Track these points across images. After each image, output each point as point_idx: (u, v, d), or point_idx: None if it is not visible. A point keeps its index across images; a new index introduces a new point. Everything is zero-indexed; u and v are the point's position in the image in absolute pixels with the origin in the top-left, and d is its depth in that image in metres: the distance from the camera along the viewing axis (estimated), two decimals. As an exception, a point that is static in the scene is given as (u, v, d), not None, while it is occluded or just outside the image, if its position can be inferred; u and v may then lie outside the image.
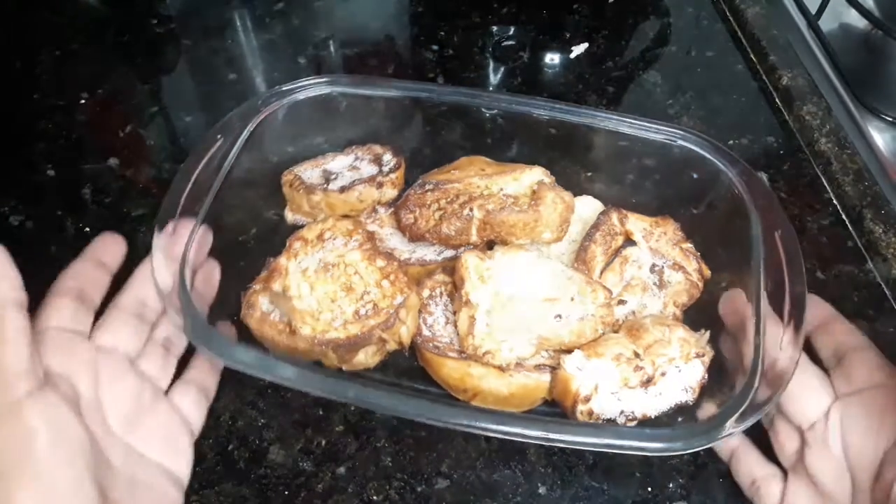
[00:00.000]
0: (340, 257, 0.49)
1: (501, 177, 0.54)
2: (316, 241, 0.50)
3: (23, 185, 0.63)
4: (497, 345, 0.46)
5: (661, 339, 0.46)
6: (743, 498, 0.46)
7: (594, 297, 0.48)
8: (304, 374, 0.41)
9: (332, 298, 0.47)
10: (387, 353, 0.49)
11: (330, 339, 0.45)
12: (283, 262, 0.49)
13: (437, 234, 0.52)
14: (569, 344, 0.47)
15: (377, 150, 0.60)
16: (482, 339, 0.46)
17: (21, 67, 0.74)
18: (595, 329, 0.47)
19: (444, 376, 0.47)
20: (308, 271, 0.48)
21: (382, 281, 0.48)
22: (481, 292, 0.48)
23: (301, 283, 0.48)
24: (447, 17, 0.80)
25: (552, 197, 0.52)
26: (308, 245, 0.50)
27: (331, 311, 0.47)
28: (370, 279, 0.48)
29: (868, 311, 0.56)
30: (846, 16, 0.77)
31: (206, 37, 0.77)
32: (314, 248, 0.50)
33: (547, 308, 0.47)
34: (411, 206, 0.53)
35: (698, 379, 0.46)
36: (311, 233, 0.50)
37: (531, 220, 0.51)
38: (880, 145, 0.66)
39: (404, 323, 0.47)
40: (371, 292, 0.48)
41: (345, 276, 0.48)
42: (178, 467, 0.42)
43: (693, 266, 0.53)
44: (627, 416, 0.45)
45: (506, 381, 0.46)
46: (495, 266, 0.49)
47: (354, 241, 0.50)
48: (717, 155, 0.53)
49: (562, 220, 0.52)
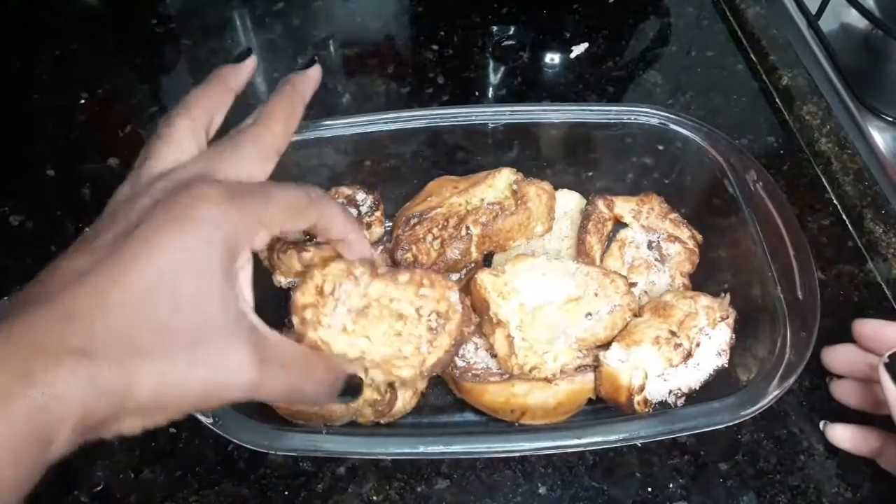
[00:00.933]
0: (365, 297, 0.43)
1: (476, 188, 0.54)
2: (323, 299, 0.42)
3: (23, 185, 0.63)
4: (540, 358, 0.46)
5: (690, 311, 0.47)
6: (744, 498, 0.46)
7: (615, 287, 0.48)
8: (373, 441, 0.43)
9: (396, 333, 0.43)
10: (421, 395, 0.49)
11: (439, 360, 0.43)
12: (312, 337, 0.41)
13: (444, 263, 0.52)
14: (604, 339, 0.47)
15: (346, 191, 0.57)
16: (525, 357, 0.46)
17: (21, 67, 0.74)
18: (624, 318, 0.47)
19: (487, 402, 0.47)
20: (348, 328, 0.42)
21: (421, 291, 0.44)
22: (506, 309, 0.47)
23: (354, 341, 0.42)
24: (447, 17, 0.80)
25: (534, 191, 0.52)
26: (320, 307, 0.42)
27: (408, 344, 0.43)
28: (410, 296, 0.44)
29: (868, 311, 0.56)
30: (846, 16, 0.77)
31: (206, 37, 0.77)
32: (328, 307, 0.42)
33: (575, 309, 0.47)
34: (405, 246, 0.52)
35: (727, 340, 0.47)
36: (307, 295, 0.41)
37: (524, 218, 0.52)
38: (880, 145, 0.66)
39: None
40: (423, 305, 0.44)
41: (386, 309, 0.43)
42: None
43: (686, 234, 0.55)
44: (676, 395, 0.46)
45: (552, 392, 0.46)
46: (511, 279, 0.48)
47: (362, 275, 0.43)
48: (679, 125, 0.54)
49: (548, 210, 0.53)
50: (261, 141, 0.37)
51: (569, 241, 0.56)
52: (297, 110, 0.41)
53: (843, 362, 0.47)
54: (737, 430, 0.50)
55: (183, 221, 0.30)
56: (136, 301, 0.28)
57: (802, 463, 0.49)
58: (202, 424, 0.42)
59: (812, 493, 0.47)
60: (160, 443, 0.49)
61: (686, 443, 0.49)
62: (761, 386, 0.42)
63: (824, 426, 0.48)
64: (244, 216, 0.32)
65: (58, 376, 0.26)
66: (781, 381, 0.42)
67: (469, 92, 0.73)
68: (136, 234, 0.30)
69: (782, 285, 0.46)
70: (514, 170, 0.55)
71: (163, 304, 0.29)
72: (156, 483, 0.47)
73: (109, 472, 0.48)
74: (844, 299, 0.56)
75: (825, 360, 0.47)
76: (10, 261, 0.58)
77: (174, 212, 0.31)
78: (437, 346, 0.43)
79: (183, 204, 0.31)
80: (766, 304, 0.47)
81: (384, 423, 0.47)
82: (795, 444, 0.49)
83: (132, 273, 0.29)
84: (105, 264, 0.29)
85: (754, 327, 0.47)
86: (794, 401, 0.51)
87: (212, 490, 0.47)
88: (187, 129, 0.37)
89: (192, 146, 0.37)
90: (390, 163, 0.58)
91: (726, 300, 0.49)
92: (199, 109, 0.39)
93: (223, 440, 0.48)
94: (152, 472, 0.48)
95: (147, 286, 0.29)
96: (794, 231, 0.47)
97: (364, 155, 0.56)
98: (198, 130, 0.38)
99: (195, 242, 0.30)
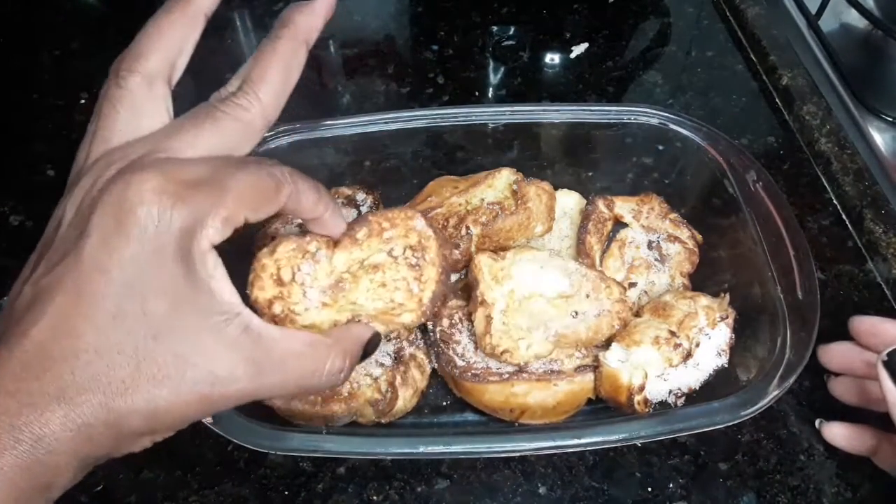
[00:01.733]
0: (332, 273, 0.38)
1: (476, 188, 0.54)
2: (286, 288, 0.37)
3: (23, 185, 0.63)
4: (514, 343, 0.46)
5: (690, 311, 0.47)
6: (744, 498, 0.46)
7: (609, 293, 0.48)
8: (373, 441, 0.42)
9: (380, 285, 0.39)
10: (422, 394, 0.49)
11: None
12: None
13: (451, 266, 0.51)
14: (585, 341, 0.47)
15: (346, 192, 0.57)
16: (500, 338, 0.46)
17: (21, 67, 0.74)
18: (612, 325, 0.47)
19: (486, 402, 0.47)
20: (328, 303, 0.38)
21: (385, 235, 0.39)
22: (496, 292, 0.47)
23: (341, 309, 0.38)
24: (447, 17, 0.80)
25: (535, 190, 0.52)
26: (286, 298, 0.37)
27: (397, 290, 0.39)
28: (377, 246, 0.39)
29: (868, 311, 0.56)
30: (846, 16, 0.77)
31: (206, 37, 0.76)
32: (295, 295, 0.37)
33: (563, 305, 0.47)
34: None
35: (727, 340, 0.47)
36: (267, 289, 0.36)
37: (524, 218, 0.52)
38: (880, 145, 0.66)
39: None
40: (393, 248, 0.39)
41: (360, 270, 0.39)
42: None
43: (686, 234, 0.55)
44: (676, 395, 0.46)
45: (551, 392, 0.46)
46: (508, 266, 0.48)
47: (318, 250, 0.37)
48: (679, 125, 0.54)
49: (548, 210, 0.53)
50: (244, 115, 0.31)
51: (569, 241, 0.56)
52: (296, 63, 0.34)
53: (840, 360, 0.47)
54: (737, 430, 0.50)
55: (126, 228, 0.27)
56: (103, 333, 0.26)
57: (802, 463, 0.49)
58: (202, 424, 0.42)
59: (812, 493, 0.47)
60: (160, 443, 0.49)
61: (686, 443, 0.49)
62: (761, 386, 0.42)
63: (820, 424, 0.48)
64: (193, 211, 0.27)
65: (44, 432, 0.25)
66: (781, 381, 0.42)
67: (469, 92, 0.73)
68: (83, 254, 0.27)
69: (782, 285, 0.46)
70: (514, 170, 0.55)
71: (131, 332, 0.27)
72: (156, 483, 0.47)
73: (109, 472, 0.48)
74: (844, 299, 0.56)
75: (822, 358, 0.47)
76: (10, 261, 0.58)
77: (115, 214, 0.27)
78: (426, 280, 0.40)
79: (119, 201, 0.27)
80: (766, 304, 0.47)
81: (384, 423, 0.47)
82: (795, 444, 0.49)
83: (93, 304, 0.27)
84: (65, 296, 0.27)
85: (754, 327, 0.47)
86: (794, 401, 0.51)
87: (212, 490, 0.46)
88: (144, 89, 0.31)
89: (153, 108, 0.31)
90: (390, 163, 0.58)
91: (726, 300, 0.49)
92: (157, 56, 0.32)
93: (223, 440, 0.48)
94: (152, 472, 0.48)
95: (109, 315, 0.27)
96: (794, 231, 0.47)
97: (364, 155, 0.56)
98: (158, 87, 0.31)
99: (146, 255, 0.27)
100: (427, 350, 0.50)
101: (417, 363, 0.48)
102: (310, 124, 0.54)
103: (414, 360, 0.49)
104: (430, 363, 0.50)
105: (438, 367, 0.49)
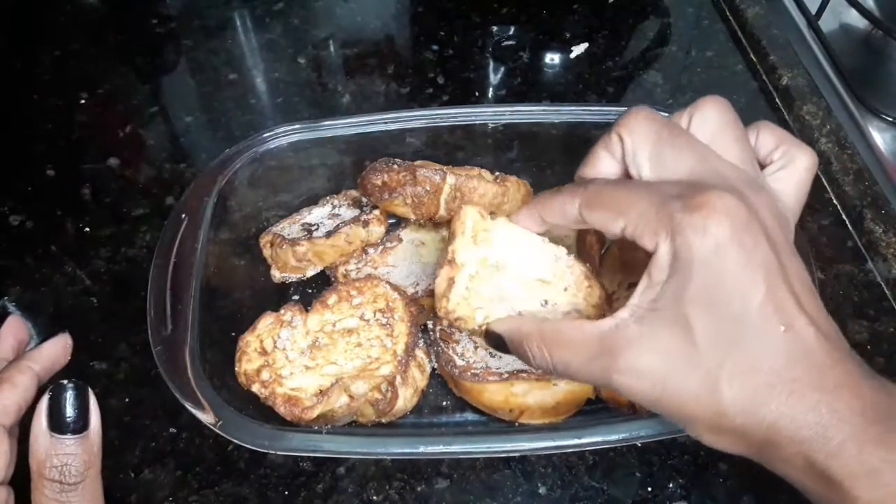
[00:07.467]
0: (308, 333, 0.48)
1: (462, 169, 0.53)
2: (270, 356, 0.46)
3: (23, 185, 0.63)
4: (471, 312, 0.41)
5: None
6: (744, 498, 0.46)
7: (588, 294, 0.43)
8: (373, 441, 0.43)
9: (356, 345, 0.47)
10: (422, 394, 0.49)
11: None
12: (280, 391, 0.44)
13: (412, 195, 0.50)
14: None
15: (354, 194, 0.57)
16: (456, 304, 0.41)
17: (21, 67, 0.74)
18: None
19: (485, 401, 0.47)
20: (309, 365, 0.46)
21: (354, 302, 0.48)
22: (469, 253, 0.42)
23: (323, 371, 0.46)
24: (447, 17, 0.80)
25: (515, 179, 0.53)
26: (272, 365, 0.46)
27: (371, 347, 0.46)
28: (347, 310, 0.48)
29: (868, 311, 0.56)
30: (846, 16, 0.77)
31: (206, 37, 0.77)
32: (279, 360, 0.46)
33: (535, 288, 0.42)
34: (379, 168, 0.51)
35: None
36: (253, 361, 0.46)
37: (500, 192, 0.52)
38: (880, 145, 0.66)
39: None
40: (364, 312, 0.48)
41: (334, 332, 0.47)
42: None
43: None
44: None
45: (551, 392, 0.46)
46: (495, 230, 0.43)
47: (293, 318, 0.48)
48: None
49: (522, 201, 0.53)
50: None
51: (568, 241, 0.56)
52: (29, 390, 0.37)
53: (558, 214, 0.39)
54: (737, 430, 0.50)
55: None
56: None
57: (802, 463, 0.49)
58: (202, 424, 0.42)
59: (812, 493, 0.47)
60: (160, 443, 0.49)
61: (686, 443, 0.49)
62: (761, 386, 0.42)
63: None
64: None
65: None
66: None
67: (469, 92, 0.73)
68: None
69: (782, 285, 0.46)
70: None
71: None
72: (156, 483, 0.47)
73: (109, 472, 0.48)
74: (844, 299, 0.56)
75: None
76: (11, 261, 0.58)
77: None
78: (398, 335, 0.46)
79: None
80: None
81: (385, 423, 0.47)
82: (795, 444, 0.49)
83: None
84: None
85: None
86: (794, 401, 0.51)
87: (212, 490, 0.47)
88: None
89: None
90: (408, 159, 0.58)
91: None
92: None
93: (223, 440, 0.48)
94: (152, 472, 0.48)
95: None
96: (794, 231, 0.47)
97: (364, 155, 0.56)
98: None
99: None
100: (427, 350, 0.50)
101: (417, 363, 0.48)
102: (310, 124, 0.55)
103: (414, 359, 0.49)
104: (430, 363, 0.50)
105: (438, 366, 0.49)
